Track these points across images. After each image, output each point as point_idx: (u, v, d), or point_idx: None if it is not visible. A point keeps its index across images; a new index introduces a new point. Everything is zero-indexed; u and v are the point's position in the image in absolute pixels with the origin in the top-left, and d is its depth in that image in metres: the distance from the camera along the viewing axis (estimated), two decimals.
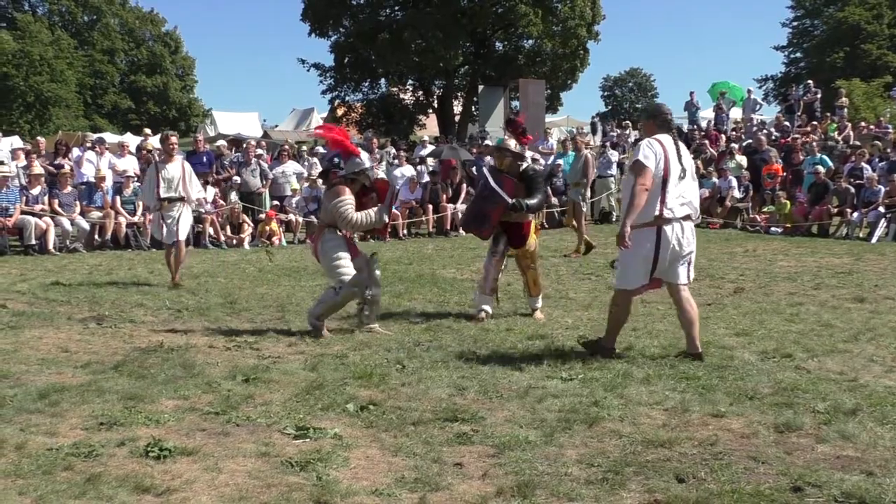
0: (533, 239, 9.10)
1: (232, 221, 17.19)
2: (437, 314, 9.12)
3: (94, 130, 43.13)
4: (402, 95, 43.92)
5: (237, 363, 6.82)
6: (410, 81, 43.51)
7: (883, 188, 17.49)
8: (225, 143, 21.79)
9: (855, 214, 17.52)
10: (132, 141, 27.76)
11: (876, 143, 20.89)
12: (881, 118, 26.03)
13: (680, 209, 6.72)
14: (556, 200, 20.20)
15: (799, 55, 63.20)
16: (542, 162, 21.35)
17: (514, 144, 8.87)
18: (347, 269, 8.00)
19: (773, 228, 18.46)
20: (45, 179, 16.04)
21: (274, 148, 23.49)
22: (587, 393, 5.87)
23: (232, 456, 4.68)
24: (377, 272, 8.28)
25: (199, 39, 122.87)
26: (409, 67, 39.97)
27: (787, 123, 25.59)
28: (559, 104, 45.61)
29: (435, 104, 43.35)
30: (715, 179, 20.05)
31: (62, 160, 17.49)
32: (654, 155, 6.61)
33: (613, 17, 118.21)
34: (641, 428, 5.15)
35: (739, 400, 5.73)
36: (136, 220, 16.10)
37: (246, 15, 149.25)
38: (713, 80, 37.83)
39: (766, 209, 19.45)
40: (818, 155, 19.87)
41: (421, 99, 43.84)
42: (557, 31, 38.92)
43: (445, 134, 35.99)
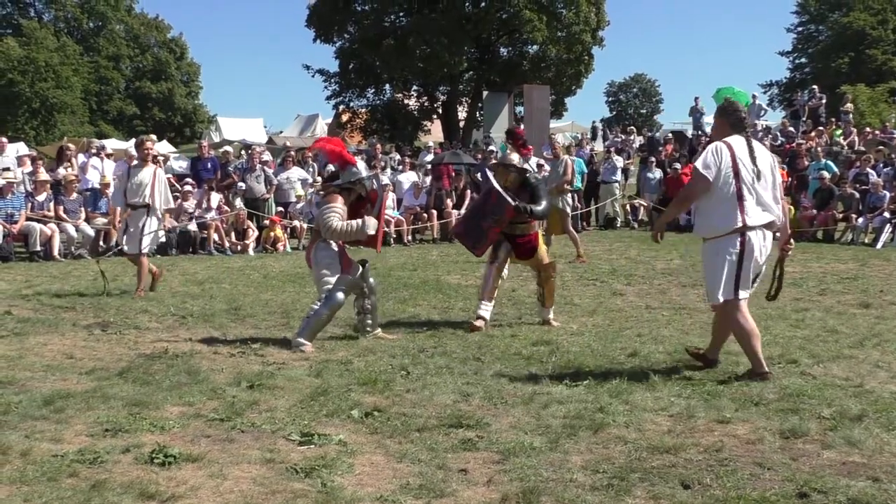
0: (544, 249, 9.08)
1: (237, 227, 17.21)
2: (441, 320, 9.12)
3: (99, 137, 43.21)
4: (406, 101, 43.96)
5: (242, 369, 6.83)
6: (415, 87, 43.55)
7: (888, 194, 17.49)
8: (230, 148, 21.82)
9: (860, 220, 17.50)
10: None
11: (881, 148, 20.86)
12: (886, 123, 26.00)
13: (761, 215, 6.38)
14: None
15: (804, 60, 63.25)
16: (546, 168, 21.34)
17: (516, 158, 8.87)
18: (332, 279, 7.97)
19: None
20: (50, 186, 16.08)
21: (278, 154, 23.50)
22: (592, 399, 5.86)
23: (237, 462, 4.68)
24: (371, 280, 8.28)
25: (204, 46, 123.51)
26: (413, 73, 40.03)
27: (791, 129, 25.57)
28: (564, 110, 45.68)
29: (439, 110, 43.39)
30: None
31: (66, 165, 17.51)
32: (715, 163, 6.28)
33: (618, 22, 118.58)
34: (647, 434, 5.14)
35: (745, 406, 5.71)
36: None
37: (251, 21, 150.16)
38: (718, 85, 37.71)
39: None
40: (823, 160, 19.85)
41: (425, 105, 43.88)
42: (562, 36, 38.93)
43: (450, 140, 36.04)
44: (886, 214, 17.10)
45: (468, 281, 12.15)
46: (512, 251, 8.91)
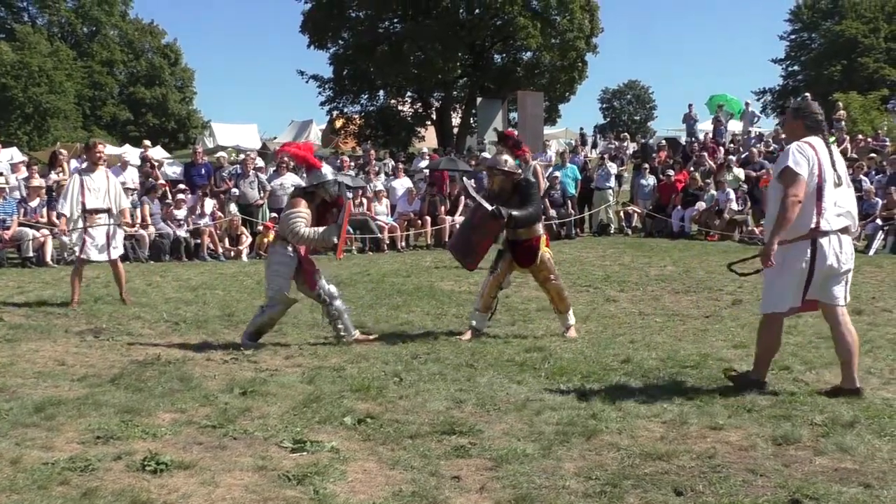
0: (545, 251, 8.58)
1: (230, 233, 17.19)
2: (434, 327, 9.11)
3: None
4: (400, 107, 43.99)
5: (234, 376, 6.82)
6: (409, 93, 43.58)
7: (880, 201, 17.51)
8: (224, 154, 21.77)
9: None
10: (131, 152, 27.72)
11: (873, 156, 20.92)
12: (878, 131, 26.07)
13: (837, 220, 6.06)
14: (554, 213, 20.21)
15: (796, 68, 63.50)
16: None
17: (504, 160, 8.47)
18: (277, 287, 8.07)
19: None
20: (45, 192, 16.02)
21: (268, 159, 23.49)
22: (585, 405, 5.87)
23: (229, 469, 4.67)
24: (332, 287, 8.27)
25: (198, 51, 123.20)
26: (407, 79, 40.05)
27: (784, 136, 25.65)
28: (558, 116, 45.78)
29: (433, 116, 43.42)
30: (713, 192, 20.07)
31: (58, 170, 17.46)
32: (806, 161, 5.95)
33: (612, 29, 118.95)
34: (639, 441, 5.15)
35: (737, 412, 5.72)
36: (134, 231, 16.05)
37: (245, 27, 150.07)
38: (711, 92, 37.88)
39: (763, 221, 19.44)
40: None
41: (419, 111, 43.90)
42: (556, 43, 39.01)
43: (444, 146, 36.05)
44: (878, 221, 17.13)
45: (461, 287, 12.14)
46: (513, 260, 8.60)
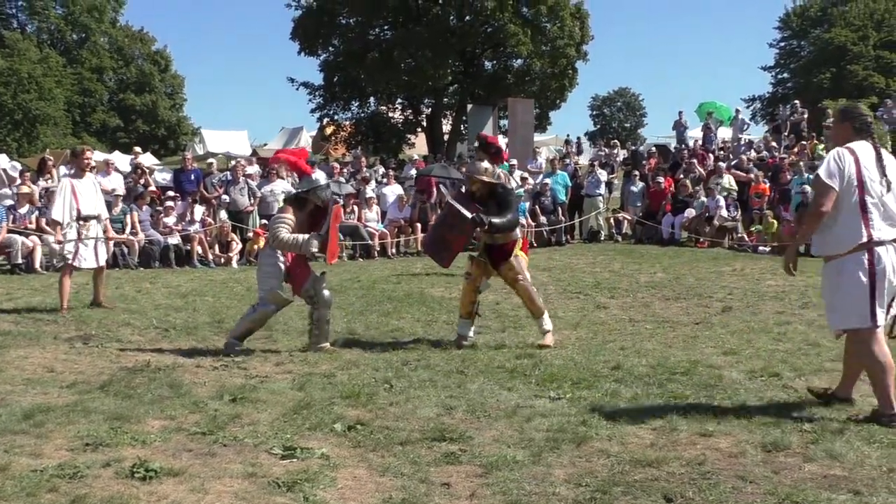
0: (518, 254, 8.53)
1: (220, 240, 17.16)
2: (425, 333, 9.10)
3: None
4: (391, 114, 44.01)
5: (224, 383, 6.80)
6: (399, 100, 43.60)
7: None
8: (214, 160, 21.76)
9: None
10: (120, 159, 27.65)
11: None
12: None
13: (890, 231, 5.68)
14: (544, 219, 20.25)
15: (786, 76, 63.85)
16: (530, 181, 21.44)
17: (483, 168, 8.37)
18: (269, 287, 8.17)
19: (760, 247, 18.52)
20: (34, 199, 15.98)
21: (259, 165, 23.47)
22: (575, 412, 5.87)
23: (218, 476, 4.65)
24: (326, 292, 8.23)
25: (188, 58, 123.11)
26: (398, 86, 40.05)
27: (774, 143, 25.72)
28: (548, 123, 45.81)
29: (424, 123, 43.45)
30: (703, 199, 20.12)
31: (46, 177, 17.42)
32: (839, 171, 5.63)
33: (602, 37, 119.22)
34: (629, 447, 5.15)
35: (727, 419, 5.73)
36: (123, 238, 16.02)
37: (235, 34, 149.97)
38: (701, 99, 38.03)
39: (753, 228, 19.53)
40: (805, 175, 19.96)
41: (410, 118, 43.94)
42: (546, 50, 39.10)
43: (434, 153, 36.06)
44: None
45: (452, 294, 12.14)
46: (489, 263, 8.53)
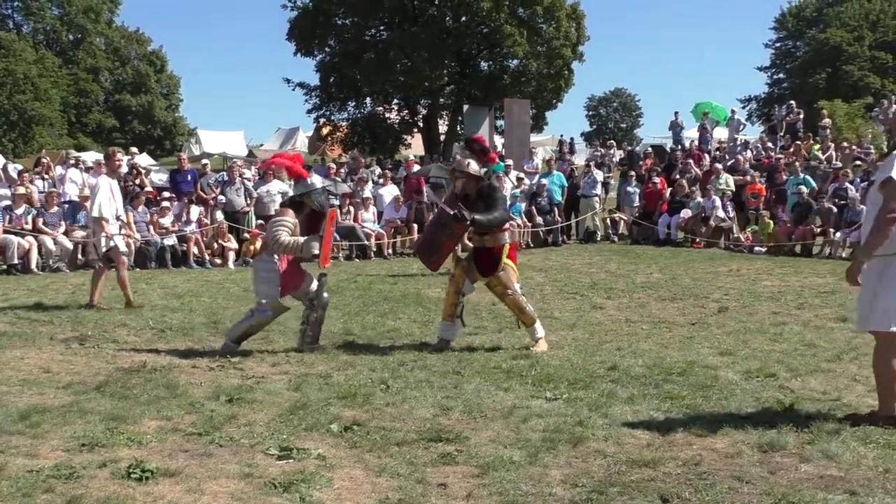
0: (506, 262, 8.25)
1: (217, 240, 17.13)
2: (421, 334, 9.10)
3: (78, 149, 42.95)
4: (387, 115, 43.95)
5: (221, 383, 6.79)
6: (396, 101, 43.52)
7: (865, 208, 17.57)
8: (208, 161, 21.73)
9: (838, 234, 17.62)
10: None
11: (858, 163, 21.02)
12: (863, 139, 26.19)
13: None
14: (541, 220, 20.26)
15: (782, 76, 63.95)
16: (526, 181, 21.44)
17: (467, 164, 8.17)
18: (268, 294, 8.02)
19: (756, 248, 18.54)
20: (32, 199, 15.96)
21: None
22: (571, 413, 5.87)
23: (215, 477, 4.65)
24: (325, 294, 8.23)
25: (184, 58, 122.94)
26: (394, 87, 40.01)
27: (770, 144, 25.74)
28: (544, 123, 45.80)
29: (420, 123, 43.43)
30: (699, 199, 20.14)
31: (43, 177, 17.42)
32: None
33: (598, 37, 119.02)
34: (626, 448, 5.15)
35: (724, 419, 5.73)
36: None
37: (231, 34, 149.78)
38: (697, 100, 38.03)
39: (749, 229, 19.55)
40: (801, 175, 19.99)
41: (406, 118, 43.89)
42: (542, 51, 39.08)
43: (431, 153, 36.03)
44: None
45: None
46: (475, 267, 8.33)
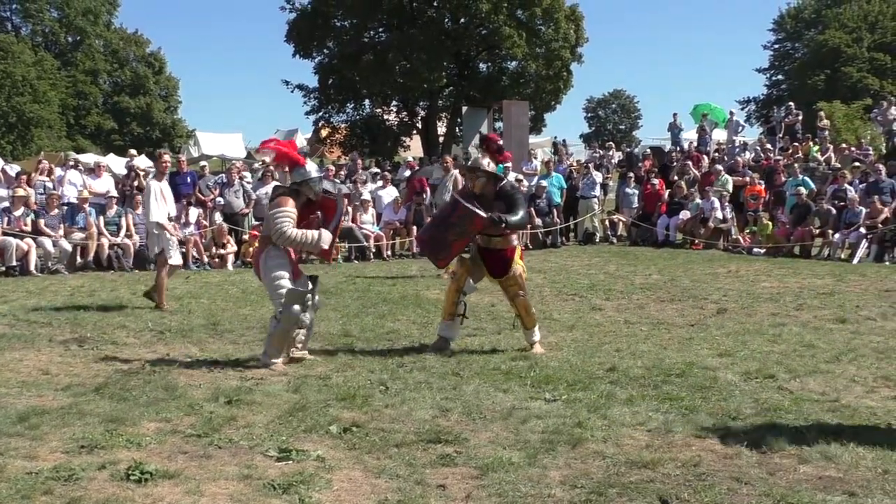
0: (518, 264, 8.32)
1: (216, 242, 17.13)
2: (420, 335, 9.10)
3: (76, 151, 42.96)
4: (386, 116, 43.94)
5: (220, 385, 6.79)
6: (394, 102, 43.51)
7: (864, 209, 17.61)
8: (206, 163, 21.74)
9: (836, 236, 17.63)
10: (115, 161, 27.53)
11: (856, 164, 21.05)
12: (862, 140, 26.21)
13: None
14: (539, 221, 20.26)
15: (780, 77, 64.00)
16: (525, 183, 21.44)
17: (487, 163, 8.18)
18: (283, 289, 7.51)
19: (755, 249, 18.54)
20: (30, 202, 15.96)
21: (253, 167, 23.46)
22: (571, 414, 5.87)
23: (214, 479, 4.65)
24: (317, 297, 7.95)
25: (183, 60, 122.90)
26: (393, 89, 40.00)
27: (768, 145, 25.75)
28: (543, 125, 45.76)
29: (419, 125, 43.43)
30: (698, 200, 20.14)
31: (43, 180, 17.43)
32: None
33: (597, 39, 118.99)
34: (625, 449, 5.16)
35: (722, 420, 5.74)
36: (118, 241, 16.01)
37: (230, 36, 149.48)
38: (696, 101, 38.02)
39: (748, 230, 19.55)
40: (800, 177, 20.01)
41: (405, 120, 43.89)
42: (541, 53, 39.08)
43: (429, 155, 36.03)
44: (862, 230, 17.23)
45: None
46: (481, 266, 8.31)
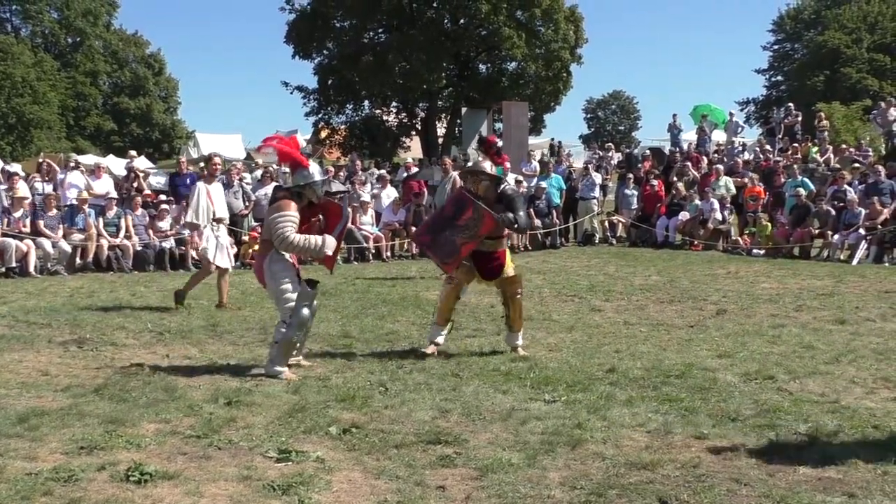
0: (511, 265, 8.28)
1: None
2: (420, 336, 9.09)
3: (76, 152, 42.97)
4: (385, 117, 43.95)
5: (219, 386, 6.79)
6: (394, 103, 43.53)
7: (863, 210, 17.61)
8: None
9: (836, 237, 17.63)
10: (115, 162, 27.50)
11: (855, 165, 21.05)
12: (861, 141, 26.21)
13: None
14: (538, 222, 20.26)
15: (780, 78, 64.05)
16: (525, 184, 21.44)
17: (489, 166, 8.10)
18: (294, 295, 7.28)
19: (755, 250, 18.55)
20: (29, 203, 15.96)
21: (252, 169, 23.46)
22: (570, 415, 5.88)
23: (213, 479, 4.65)
24: (314, 303, 7.57)
25: (182, 61, 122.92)
26: (392, 89, 40.02)
27: (768, 146, 25.75)
28: (542, 126, 45.79)
29: (418, 126, 43.44)
30: (697, 201, 20.14)
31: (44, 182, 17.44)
32: None
33: (596, 40, 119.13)
34: (624, 450, 5.16)
35: (722, 422, 5.74)
36: (118, 242, 16.01)
37: (229, 37, 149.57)
38: (695, 102, 38.06)
39: (747, 231, 19.55)
40: (799, 178, 20.01)
41: (405, 121, 43.89)
42: (541, 53, 39.09)
43: (429, 156, 36.04)
44: (862, 231, 17.23)
45: None
46: (475, 270, 8.19)
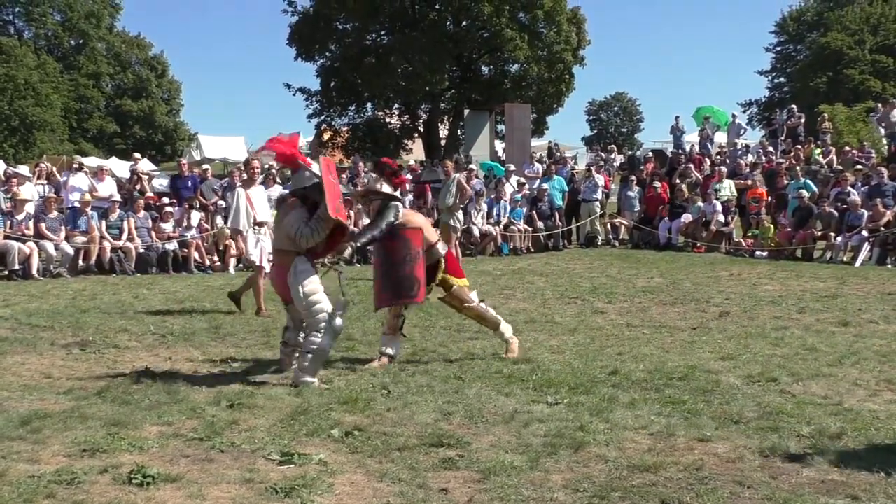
0: (452, 280, 8.11)
1: (218, 245, 17.12)
2: (422, 339, 9.09)
3: (79, 154, 43.00)
4: (388, 119, 43.97)
5: (222, 388, 6.78)
6: (396, 105, 43.55)
7: (866, 212, 17.59)
8: (208, 166, 21.74)
9: (839, 238, 17.60)
10: (118, 165, 27.50)
11: (858, 167, 21.03)
12: (864, 142, 26.20)
13: None
14: (541, 224, 20.25)
15: (783, 80, 64.01)
16: (527, 186, 21.45)
17: (382, 185, 7.73)
18: (325, 304, 7.00)
19: (757, 252, 18.53)
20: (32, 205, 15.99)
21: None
22: (573, 417, 5.87)
23: (216, 482, 4.65)
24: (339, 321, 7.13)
25: (185, 63, 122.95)
26: (395, 91, 40.05)
27: (771, 148, 25.74)
28: (545, 128, 45.79)
29: (421, 128, 43.45)
30: (700, 204, 20.13)
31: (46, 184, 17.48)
32: None
33: (599, 42, 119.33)
34: (627, 453, 5.15)
35: (725, 424, 5.73)
36: (120, 244, 16.02)
37: (232, 39, 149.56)
38: (698, 104, 37.97)
39: (750, 233, 19.54)
40: (802, 179, 19.99)
41: (407, 123, 43.91)
42: (543, 55, 39.10)
43: (431, 158, 36.04)
44: (865, 233, 17.21)
45: None
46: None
